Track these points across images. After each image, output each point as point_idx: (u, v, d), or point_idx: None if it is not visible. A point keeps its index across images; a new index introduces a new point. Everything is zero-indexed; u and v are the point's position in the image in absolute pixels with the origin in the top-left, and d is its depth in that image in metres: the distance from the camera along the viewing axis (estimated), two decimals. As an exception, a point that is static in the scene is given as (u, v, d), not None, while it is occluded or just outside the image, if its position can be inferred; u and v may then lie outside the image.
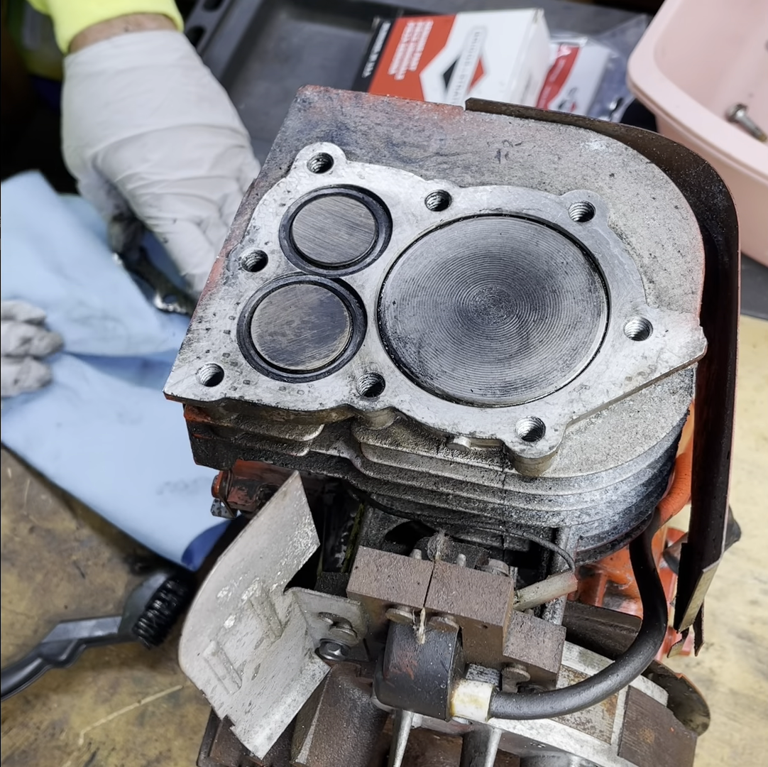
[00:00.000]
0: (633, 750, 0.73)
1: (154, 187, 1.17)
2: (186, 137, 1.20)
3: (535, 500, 0.65)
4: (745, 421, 1.17)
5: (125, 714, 1.11)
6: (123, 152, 1.18)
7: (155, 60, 1.21)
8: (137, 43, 1.20)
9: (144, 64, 1.20)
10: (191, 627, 0.57)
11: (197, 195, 1.19)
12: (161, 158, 1.18)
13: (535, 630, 0.65)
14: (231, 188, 1.22)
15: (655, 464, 0.67)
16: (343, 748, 0.76)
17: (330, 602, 0.65)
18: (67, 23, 1.21)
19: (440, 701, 0.64)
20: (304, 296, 0.68)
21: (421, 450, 0.65)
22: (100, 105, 1.19)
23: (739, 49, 1.34)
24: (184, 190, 1.18)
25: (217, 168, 1.20)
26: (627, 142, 0.73)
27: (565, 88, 1.38)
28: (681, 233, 0.69)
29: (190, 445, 0.71)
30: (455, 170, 0.72)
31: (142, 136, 1.18)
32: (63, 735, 1.11)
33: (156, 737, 1.10)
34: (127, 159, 1.18)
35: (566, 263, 0.68)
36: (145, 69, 1.20)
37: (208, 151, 1.20)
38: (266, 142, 1.41)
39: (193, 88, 1.22)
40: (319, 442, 0.67)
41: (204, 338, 0.67)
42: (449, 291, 0.68)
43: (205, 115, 1.22)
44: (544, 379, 0.64)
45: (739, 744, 1.03)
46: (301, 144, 0.74)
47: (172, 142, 1.19)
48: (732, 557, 1.11)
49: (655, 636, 0.68)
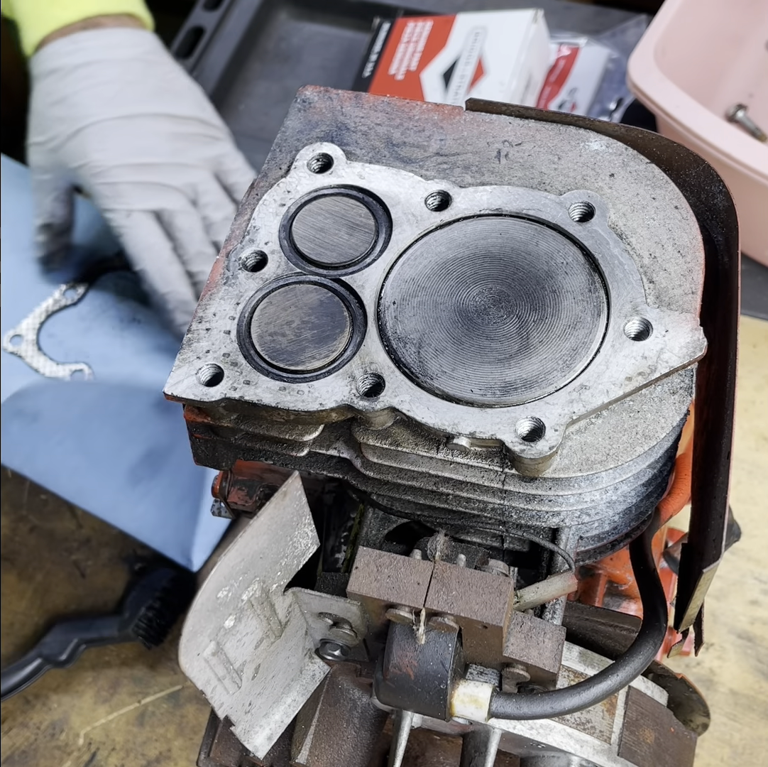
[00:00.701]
0: (633, 750, 0.73)
1: (108, 176, 1.14)
2: (143, 125, 1.17)
3: (535, 500, 0.65)
4: (745, 421, 1.17)
5: (125, 714, 1.11)
6: (78, 142, 1.15)
7: (113, 54, 1.19)
8: (94, 39, 1.19)
9: (101, 59, 1.18)
10: (191, 627, 0.57)
11: (156, 182, 1.15)
12: (116, 145, 1.15)
13: (535, 630, 0.65)
14: (199, 177, 1.17)
15: (655, 464, 0.67)
16: (343, 748, 0.76)
17: (330, 602, 0.65)
18: (33, 28, 1.21)
19: (440, 701, 0.64)
20: (304, 296, 0.68)
21: (421, 450, 0.65)
22: (57, 100, 1.18)
23: (739, 49, 1.34)
24: (140, 177, 1.14)
25: (178, 155, 1.17)
26: (627, 143, 0.73)
27: (565, 88, 1.38)
28: (681, 233, 0.69)
29: (190, 445, 0.71)
30: (455, 170, 0.72)
31: (97, 124, 1.15)
32: (63, 735, 1.11)
33: (156, 737, 1.10)
34: (82, 148, 1.15)
35: (566, 263, 0.68)
36: (101, 63, 1.18)
37: (167, 138, 1.17)
38: (266, 142, 1.41)
39: (154, 81, 1.20)
40: (319, 442, 0.67)
41: (204, 338, 0.67)
42: (449, 291, 0.68)
43: (167, 106, 1.19)
44: (544, 379, 0.64)
45: (739, 744, 1.03)
46: (301, 144, 0.74)
47: (129, 129, 1.16)
48: (732, 557, 1.11)
49: (655, 636, 0.68)
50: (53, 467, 1.22)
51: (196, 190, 1.17)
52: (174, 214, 1.15)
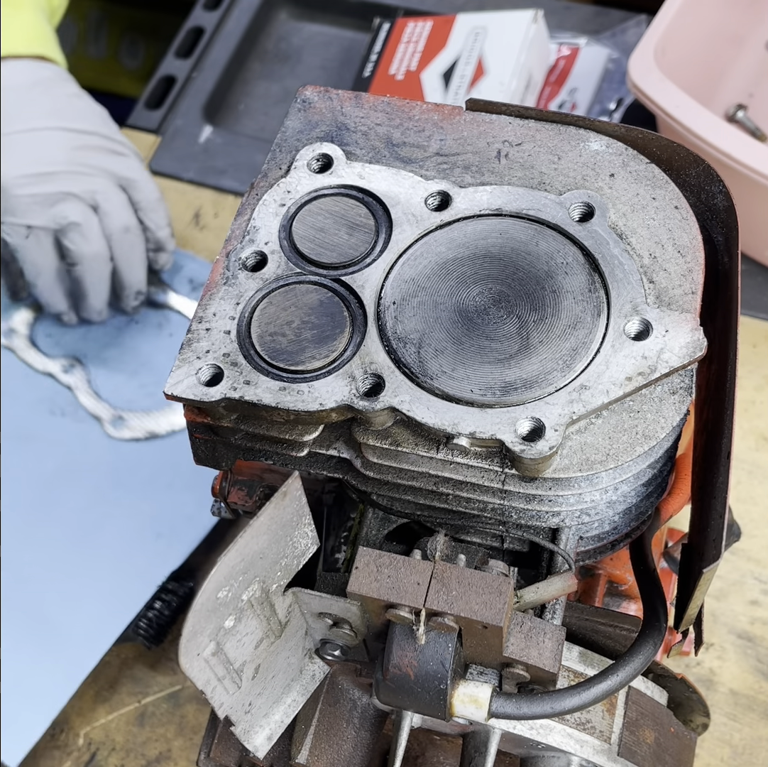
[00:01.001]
0: (633, 751, 0.73)
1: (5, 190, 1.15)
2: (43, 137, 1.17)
3: (535, 500, 0.65)
4: (745, 421, 1.17)
5: (125, 714, 1.11)
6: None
7: (12, 82, 1.20)
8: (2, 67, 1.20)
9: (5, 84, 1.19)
10: (191, 627, 0.57)
11: (55, 191, 1.15)
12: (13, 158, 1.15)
13: (535, 630, 0.65)
14: (99, 185, 1.17)
15: (655, 464, 0.67)
16: (343, 748, 0.76)
17: (330, 602, 0.65)
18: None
19: (440, 701, 0.64)
20: (304, 297, 0.68)
21: (421, 450, 0.65)
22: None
23: (739, 49, 1.34)
24: (39, 188, 1.15)
25: (77, 163, 1.17)
26: (627, 143, 0.73)
27: (565, 89, 1.38)
28: (681, 233, 0.69)
29: (190, 445, 0.71)
30: (455, 170, 0.72)
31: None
32: (63, 735, 1.10)
33: (156, 737, 1.10)
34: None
35: (566, 263, 0.68)
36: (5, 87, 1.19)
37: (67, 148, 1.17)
38: (266, 142, 1.42)
39: (56, 100, 1.21)
40: (319, 442, 0.67)
41: (204, 338, 0.67)
42: (449, 291, 0.68)
43: (68, 122, 1.19)
44: (544, 379, 0.64)
45: (739, 744, 1.03)
46: (301, 144, 0.75)
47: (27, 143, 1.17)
48: (732, 557, 1.11)
49: (655, 636, 0.68)
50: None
51: (96, 198, 1.18)
52: (71, 226, 1.16)
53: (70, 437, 1.23)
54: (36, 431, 1.24)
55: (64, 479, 1.20)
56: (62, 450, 1.22)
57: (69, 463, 1.21)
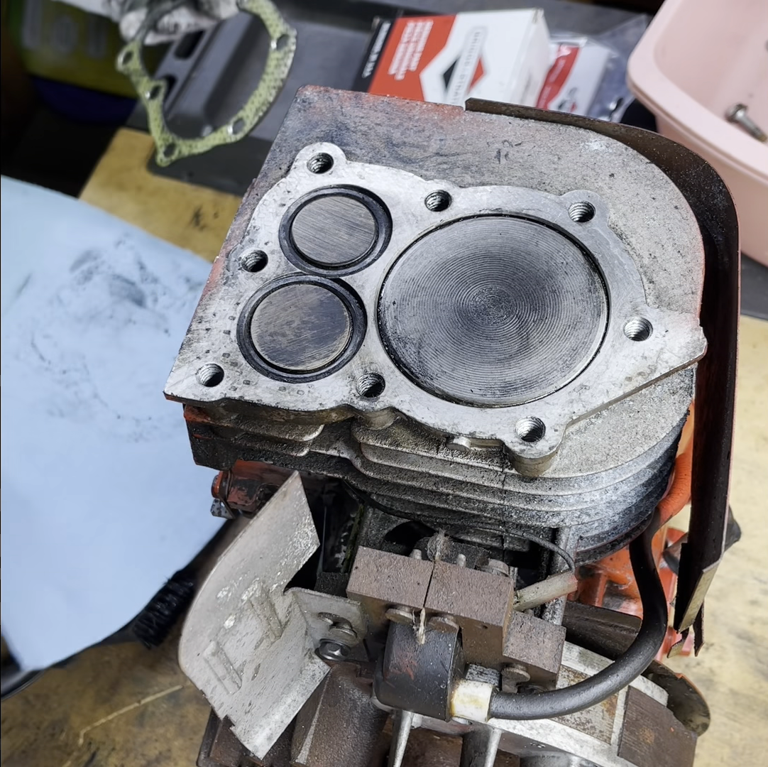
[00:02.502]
0: (633, 750, 0.73)
1: None
2: None
3: (535, 500, 0.65)
4: (745, 421, 1.17)
5: (125, 714, 1.11)
6: None
7: None
8: None
9: None
10: (191, 627, 0.57)
11: None
12: None
13: (535, 630, 0.65)
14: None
15: (655, 464, 0.67)
16: (343, 748, 0.76)
17: (330, 602, 0.65)
18: None
19: (440, 701, 0.64)
20: (304, 297, 0.68)
21: (421, 450, 0.65)
22: None
23: (739, 49, 1.34)
24: None
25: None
26: (627, 143, 0.73)
27: (565, 89, 1.38)
28: (681, 233, 0.69)
29: (191, 445, 0.71)
30: (455, 170, 0.72)
31: None
32: (63, 735, 1.11)
33: (156, 737, 1.10)
34: None
35: (566, 263, 0.68)
36: None
37: None
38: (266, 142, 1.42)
39: None
40: (319, 442, 0.67)
41: (204, 338, 0.67)
42: (449, 291, 0.68)
43: None
44: (544, 379, 0.64)
45: (739, 744, 1.03)
46: (301, 144, 0.74)
47: None
48: (732, 557, 1.11)
49: (655, 636, 0.68)
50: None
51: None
52: None
53: (70, 436, 1.23)
54: (36, 431, 1.23)
55: (65, 479, 1.20)
56: (62, 450, 1.22)
57: (69, 463, 1.21)
